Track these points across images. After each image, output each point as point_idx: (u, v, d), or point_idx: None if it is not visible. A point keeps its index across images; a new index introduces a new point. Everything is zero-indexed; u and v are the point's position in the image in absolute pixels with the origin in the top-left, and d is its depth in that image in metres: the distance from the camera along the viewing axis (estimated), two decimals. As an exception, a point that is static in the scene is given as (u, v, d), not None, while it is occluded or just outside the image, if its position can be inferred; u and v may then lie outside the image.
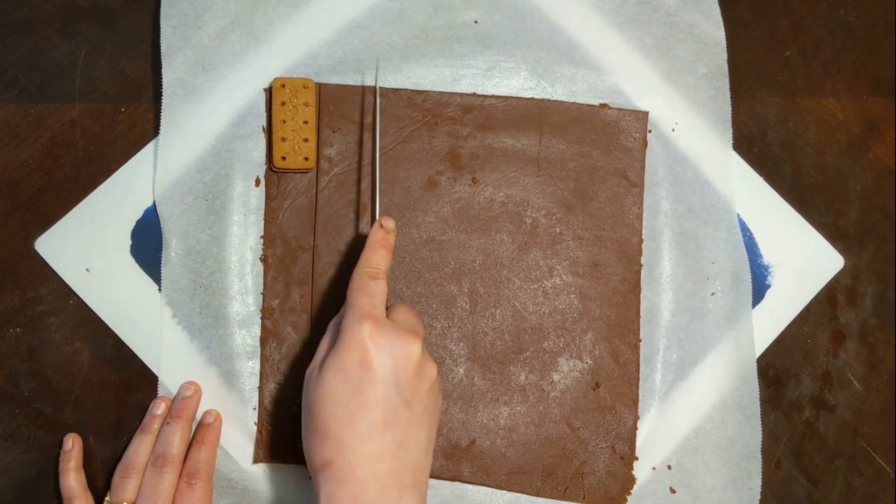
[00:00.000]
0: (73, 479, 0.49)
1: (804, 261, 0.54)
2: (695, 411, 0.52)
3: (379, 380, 0.40)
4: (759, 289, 0.53)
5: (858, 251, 0.55)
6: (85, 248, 0.51)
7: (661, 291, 0.52)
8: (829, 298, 0.54)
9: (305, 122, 0.50)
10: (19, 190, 0.51)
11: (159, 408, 0.50)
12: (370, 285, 0.43)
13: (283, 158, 0.50)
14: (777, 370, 0.54)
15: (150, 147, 0.51)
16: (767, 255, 0.54)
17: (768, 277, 0.54)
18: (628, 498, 0.51)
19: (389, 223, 0.46)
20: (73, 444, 0.50)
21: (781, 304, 0.54)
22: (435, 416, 0.43)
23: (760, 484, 0.51)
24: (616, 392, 0.52)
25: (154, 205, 0.51)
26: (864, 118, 0.56)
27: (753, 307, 0.53)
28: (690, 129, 0.53)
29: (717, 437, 0.52)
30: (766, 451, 0.52)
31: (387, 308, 0.44)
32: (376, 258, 0.45)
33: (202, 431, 0.50)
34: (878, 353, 0.54)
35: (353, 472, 0.38)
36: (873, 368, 0.54)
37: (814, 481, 0.53)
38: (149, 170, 0.51)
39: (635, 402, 0.52)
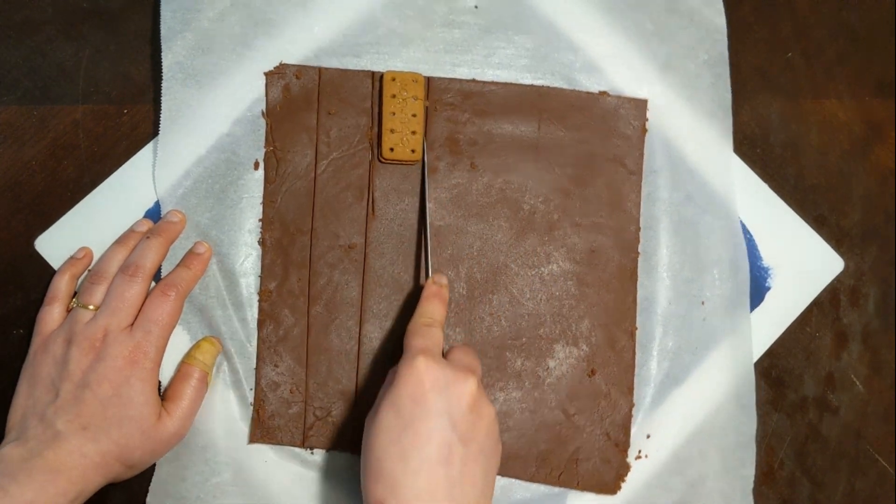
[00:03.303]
0: (65, 282, 0.49)
1: (803, 263, 0.54)
2: (690, 399, 0.52)
3: (433, 414, 0.39)
4: (759, 291, 0.53)
5: (861, 253, 0.55)
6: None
7: (658, 279, 0.52)
8: (831, 300, 0.54)
9: (414, 115, 0.51)
10: (22, 191, 0.51)
11: (141, 225, 0.50)
12: (425, 330, 0.43)
13: (392, 150, 0.50)
14: (780, 371, 0.54)
15: (151, 145, 0.51)
16: (767, 257, 0.54)
17: (768, 280, 0.54)
18: (622, 485, 0.51)
19: (442, 279, 0.48)
20: (84, 255, 0.49)
21: (781, 306, 0.53)
22: (492, 459, 0.42)
23: (754, 473, 0.51)
24: (612, 379, 0.51)
25: (155, 204, 0.51)
26: (867, 120, 0.56)
27: (753, 309, 0.53)
28: (690, 116, 0.53)
29: (711, 425, 0.51)
30: (770, 452, 0.52)
31: (444, 354, 0.44)
32: (430, 308, 0.46)
33: (190, 257, 0.49)
34: (881, 355, 0.54)
35: None
36: (876, 370, 0.54)
37: (817, 483, 0.53)
38: (150, 167, 0.51)
39: (631, 389, 0.51)
